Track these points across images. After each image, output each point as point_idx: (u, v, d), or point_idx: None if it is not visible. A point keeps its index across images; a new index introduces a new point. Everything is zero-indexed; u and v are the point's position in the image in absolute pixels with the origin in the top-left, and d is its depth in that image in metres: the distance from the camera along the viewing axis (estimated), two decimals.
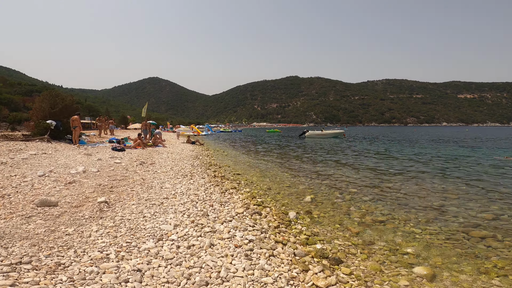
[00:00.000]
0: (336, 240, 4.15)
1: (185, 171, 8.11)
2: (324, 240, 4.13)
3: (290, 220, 4.84)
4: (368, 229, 4.64)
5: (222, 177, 8.20)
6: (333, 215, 5.29)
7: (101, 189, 5.33)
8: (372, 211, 5.51)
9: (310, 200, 6.21)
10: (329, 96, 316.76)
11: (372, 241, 4.18)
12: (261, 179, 8.29)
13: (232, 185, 7.09)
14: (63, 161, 7.94)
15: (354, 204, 5.96)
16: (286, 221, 4.79)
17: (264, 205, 5.61)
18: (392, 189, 7.23)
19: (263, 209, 5.28)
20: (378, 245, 4.03)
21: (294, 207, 5.69)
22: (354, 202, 6.11)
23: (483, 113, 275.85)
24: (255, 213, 4.85)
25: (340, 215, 5.32)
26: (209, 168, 9.59)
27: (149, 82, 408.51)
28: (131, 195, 5.14)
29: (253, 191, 6.77)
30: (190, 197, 5.36)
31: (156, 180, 6.61)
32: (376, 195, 6.64)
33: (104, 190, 5.29)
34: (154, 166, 8.54)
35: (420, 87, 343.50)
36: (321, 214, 5.31)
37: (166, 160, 10.10)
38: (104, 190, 5.26)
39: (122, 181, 6.17)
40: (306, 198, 6.31)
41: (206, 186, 6.48)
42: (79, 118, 12.94)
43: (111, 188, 5.46)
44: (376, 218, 5.13)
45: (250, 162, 12.08)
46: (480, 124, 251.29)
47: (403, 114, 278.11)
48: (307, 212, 5.41)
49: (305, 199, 6.26)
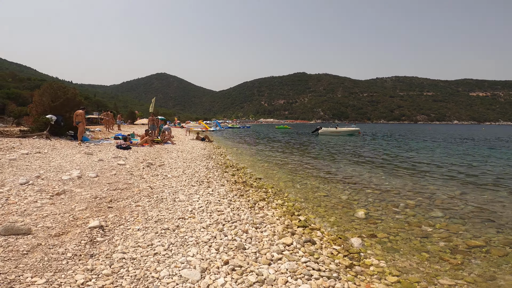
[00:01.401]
0: (441, 279, 2.86)
1: (200, 176, 6.84)
2: (422, 281, 2.84)
3: (358, 252, 3.53)
4: (471, 259, 3.36)
5: (243, 183, 6.90)
6: (408, 239, 4.00)
7: (96, 204, 4.07)
8: (457, 232, 4.18)
9: (364, 216, 4.87)
10: (337, 92, 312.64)
11: (494, 276, 2.92)
12: (290, 186, 6.96)
13: (259, 195, 5.78)
14: (58, 162, 6.74)
15: (425, 222, 4.66)
16: (352, 252, 3.48)
17: (311, 226, 4.29)
18: (459, 199, 5.83)
19: (312, 233, 3.98)
20: (505, 281, 2.77)
21: (349, 228, 4.38)
22: (423, 219, 4.79)
23: (496, 112, 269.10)
24: (307, 241, 3.55)
25: (417, 238, 4.04)
26: (226, 171, 8.31)
27: (157, 77, 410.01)
28: (136, 214, 3.87)
29: (287, 203, 5.45)
30: (213, 216, 4.07)
31: (166, 188, 5.34)
32: (445, 209, 5.27)
33: (100, 206, 4.02)
34: (163, 169, 7.29)
35: (431, 84, 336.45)
36: (391, 238, 4.03)
37: (177, 161, 8.85)
38: (100, 206, 3.99)
39: (125, 191, 4.91)
40: (358, 214, 4.97)
41: (229, 198, 5.18)
42: (84, 113, 11.84)
43: (110, 203, 4.19)
44: (468, 241, 3.88)
45: (269, 162, 10.75)
46: (492, 123, 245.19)
47: (413, 112, 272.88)
48: (371, 235, 4.09)
49: (357, 215, 4.93)
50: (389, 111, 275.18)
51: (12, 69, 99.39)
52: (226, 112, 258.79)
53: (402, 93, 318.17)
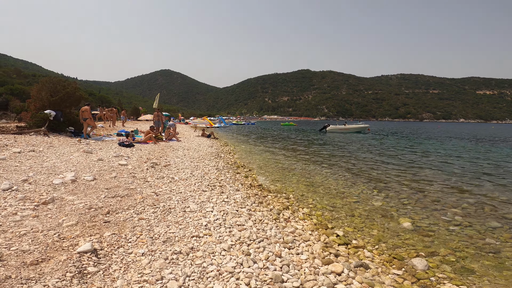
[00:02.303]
0: None
1: (210, 178, 6.08)
2: None
3: (427, 277, 2.76)
4: None
5: (259, 187, 6.13)
6: (478, 255, 3.31)
7: (90, 217, 3.32)
8: None
9: (411, 227, 4.12)
10: (342, 90, 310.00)
11: None
12: (312, 190, 6.16)
13: (281, 202, 5.01)
14: (52, 162, 6.02)
15: (486, 233, 3.89)
16: (421, 278, 2.73)
17: (354, 243, 3.53)
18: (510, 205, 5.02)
19: (359, 252, 3.25)
20: None
21: (399, 244, 3.63)
22: (482, 230, 4.02)
23: (502, 110, 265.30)
24: (358, 266, 2.79)
25: (488, 253, 3.34)
26: (238, 172, 7.54)
27: (161, 74, 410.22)
28: (139, 231, 3.12)
29: (316, 213, 4.67)
30: (234, 232, 3.31)
31: (174, 195, 4.59)
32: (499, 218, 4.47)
33: (95, 219, 3.27)
34: (169, 170, 6.54)
35: (437, 82, 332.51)
36: (457, 255, 3.34)
37: (183, 160, 8.10)
38: (94, 221, 3.24)
39: (126, 198, 4.17)
40: (403, 224, 4.21)
41: (247, 206, 4.42)
42: (90, 109, 11.22)
43: (107, 215, 3.45)
44: None
45: (282, 162, 9.96)
46: (499, 121, 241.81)
47: (419, 110, 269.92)
48: (431, 253, 3.37)
49: (403, 226, 4.16)
50: (394, 109, 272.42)
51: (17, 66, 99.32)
52: (230, 109, 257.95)
53: (407, 90, 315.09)
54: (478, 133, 38.32)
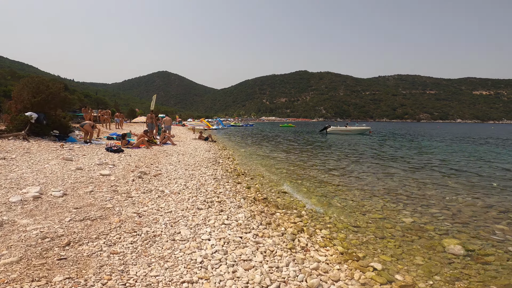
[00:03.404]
0: None
1: (207, 191, 5.19)
2: None
3: None
4: None
5: (265, 200, 5.25)
6: None
7: (41, 251, 2.41)
8: None
9: (463, 252, 3.35)
10: (339, 91, 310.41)
11: None
12: (326, 203, 5.27)
13: (293, 222, 4.13)
14: (20, 173, 5.11)
15: None
16: None
17: (398, 280, 2.66)
18: None
19: None
20: None
21: (458, 275, 2.86)
22: None
23: (499, 110, 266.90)
24: None
25: None
26: (239, 181, 6.65)
27: (158, 76, 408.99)
28: (107, 274, 2.22)
29: (339, 235, 3.79)
30: (239, 273, 2.44)
31: (162, 216, 3.70)
32: None
33: (46, 254, 2.36)
34: (160, 180, 5.64)
35: (434, 83, 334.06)
36: None
37: (177, 167, 7.20)
38: (46, 256, 2.33)
39: (98, 222, 3.26)
40: (451, 248, 3.40)
41: (253, 230, 3.53)
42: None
43: (65, 248, 2.54)
44: None
45: (286, 168, 9.08)
46: (496, 122, 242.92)
47: (416, 110, 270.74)
48: (504, 286, 2.48)
49: (451, 250, 3.36)
50: (391, 110, 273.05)
51: (13, 67, 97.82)
52: (228, 110, 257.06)
53: (404, 91, 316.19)
54: (481, 134, 37.71)
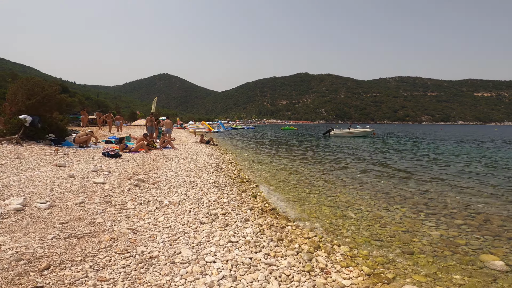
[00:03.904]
0: None
1: (210, 201, 4.74)
2: None
3: None
4: None
5: (273, 211, 4.80)
6: None
7: (13, 276, 1.96)
8: None
9: (506, 267, 2.89)
10: (340, 93, 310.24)
11: None
12: (339, 214, 4.81)
13: (308, 239, 3.68)
14: (7, 181, 4.67)
15: None
16: None
17: None
18: None
19: None
20: None
21: None
22: None
23: (501, 112, 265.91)
24: None
25: None
26: (244, 189, 6.20)
27: (159, 78, 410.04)
28: None
29: (360, 252, 3.33)
30: None
31: (160, 232, 3.25)
32: None
33: (20, 281, 1.93)
34: (158, 189, 5.20)
35: (435, 84, 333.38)
36: None
37: (177, 174, 6.76)
38: (19, 282, 1.90)
39: (85, 240, 2.81)
40: (491, 264, 2.97)
41: (264, 249, 3.08)
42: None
43: (43, 272, 2.08)
44: None
45: (292, 174, 8.62)
46: (497, 123, 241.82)
47: (417, 112, 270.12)
48: None
49: (493, 266, 2.94)
50: (392, 112, 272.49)
51: (15, 70, 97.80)
52: (229, 113, 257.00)
53: (405, 93, 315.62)
54: (486, 136, 37.15)
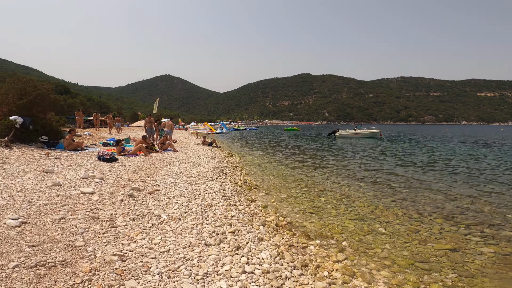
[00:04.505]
0: None
1: (215, 214, 4.06)
2: None
3: None
4: None
5: (289, 226, 4.10)
6: None
7: None
8: None
9: None
10: (342, 93, 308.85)
11: None
12: (367, 228, 4.11)
13: (338, 262, 2.98)
14: None
15: None
16: None
17: None
18: None
19: None
20: None
21: None
22: None
23: (504, 112, 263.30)
24: None
25: None
26: (252, 198, 5.51)
27: (161, 79, 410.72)
28: None
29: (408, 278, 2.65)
30: None
31: (156, 258, 2.56)
32: None
33: None
34: (156, 199, 4.53)
35: (438, 85, 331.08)
36: None
37: (178, 180, 6.08)
38: None
39: (58, 270, 2.13)
40: None
41: (288, 281, 2.39)
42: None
43: None
44: None
45: (302, 179, 7.93)
46: (501, 123, 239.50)
47: (420, 113, 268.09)
48: None
49: None
50: (395, 112, 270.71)
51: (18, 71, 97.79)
52: (231, 114, 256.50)
53: (408, 93, 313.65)
54: (498, 137, 36.23)
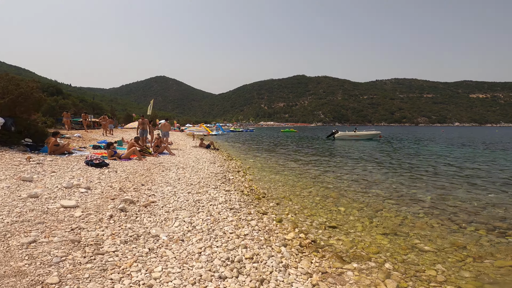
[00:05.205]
0: None
1: (225, 233, 3.35)
2: None
3: None
4: None
5: (315, 246, 3.42)
6: None
7: None
8: None
9: None
10: (337, 95, 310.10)
11: None
12: (406, 244, 3.44)
13: None
14: None
15: None
16: None
17: None
18: None
19: None
20: None
21: None
22: None
23: (496, 113, 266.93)
24: None
25: None
26: (264, 210, 4.81)
27: (156, 80, 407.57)
28: None
29: None
30: None
31: None
32: None
33: None
34: (152, 214, 3.80)
35: (431, 86, 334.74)
36: None
37: (177, 189, 5.35)
38: None
39: None
40: None
41: None
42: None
43: None
44: None
45: (315, 187, 7.24)
46: (493, 124, 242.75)
47: (414, 114, 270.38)
48: None
49: None
50: (389, 114, 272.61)
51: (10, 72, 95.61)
52: (226, 115, 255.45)
53: (402, 95, 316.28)
54: (496, 138, 36.17)
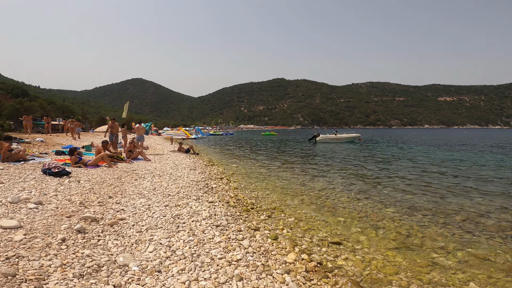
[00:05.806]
0: None
1: (213, 259, 2.67)
2: None
3: None
4: None
5: (322, 270, 2.82)
6: None
7: None
8: None
9: None
10: (316, 98, 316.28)
11: None
12: (429, 267, 2.96)
13: None
14: None
15: None
16: None
17: None
18: None
19: None
20: None
21: None
22: None
23: (462, 116, 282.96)
24: None
25: None
26: (255, 225, 4.17)
27: (132, 83, 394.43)
28: None
29: None
30: None
31: None
32: None
33: None
34: (119, 235, 3.03)
35: (402, 90, 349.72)
36: None
37: (152, 202, 4.57)
38: None
39: None
40: None
41: None
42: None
43: None
44: None
45: (307, 195, 6.69)
46: (460, 126, 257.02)
47: (387, 117, 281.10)
48: None
49: None
50: (365, 116, 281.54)
51: None
52: (206, 119, 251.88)
53: (376, 98, 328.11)
54: (469, 139, 37.92)
